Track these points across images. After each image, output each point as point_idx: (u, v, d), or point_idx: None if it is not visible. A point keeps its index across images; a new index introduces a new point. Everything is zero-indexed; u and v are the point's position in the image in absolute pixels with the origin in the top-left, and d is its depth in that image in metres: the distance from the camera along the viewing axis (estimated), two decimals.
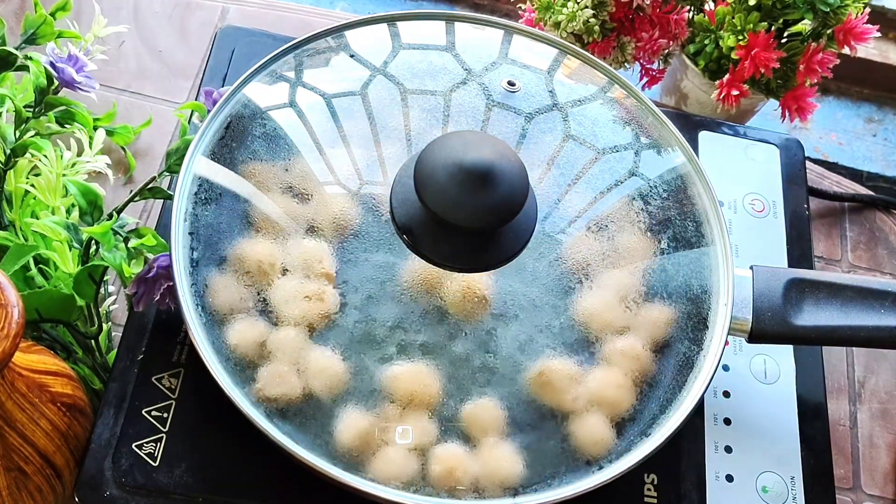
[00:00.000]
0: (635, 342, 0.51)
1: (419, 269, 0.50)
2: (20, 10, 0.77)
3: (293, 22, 0.80)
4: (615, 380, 0.50)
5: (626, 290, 0.52)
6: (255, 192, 0.52)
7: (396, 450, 0.47)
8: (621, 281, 0.52)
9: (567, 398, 0.49)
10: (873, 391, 0.69)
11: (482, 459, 0.47)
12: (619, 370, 0.50)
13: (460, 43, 0.59)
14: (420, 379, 0.48)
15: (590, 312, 0.51)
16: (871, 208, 0.77)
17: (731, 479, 0.54)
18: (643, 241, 0.54)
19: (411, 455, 0.47)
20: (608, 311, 0.51)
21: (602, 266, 0.52)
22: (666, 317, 0.52)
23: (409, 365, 0.48)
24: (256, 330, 0.49)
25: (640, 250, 0.53)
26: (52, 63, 0.56)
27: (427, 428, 0.47)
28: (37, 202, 0.59)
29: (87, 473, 0.49)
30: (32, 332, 0.55)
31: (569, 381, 0.49)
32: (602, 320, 0.51)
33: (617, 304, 0.52)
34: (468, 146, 0.47)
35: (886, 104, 1.40)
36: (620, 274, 0.52)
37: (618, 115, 0.58)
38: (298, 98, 0.56)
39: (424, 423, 0.47)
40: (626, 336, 0.51)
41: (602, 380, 0.50)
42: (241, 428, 0.46)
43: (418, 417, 0.48)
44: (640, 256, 0.53)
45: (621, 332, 0.51)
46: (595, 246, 0.53)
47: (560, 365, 0.49)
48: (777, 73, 0.73)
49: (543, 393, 0.49)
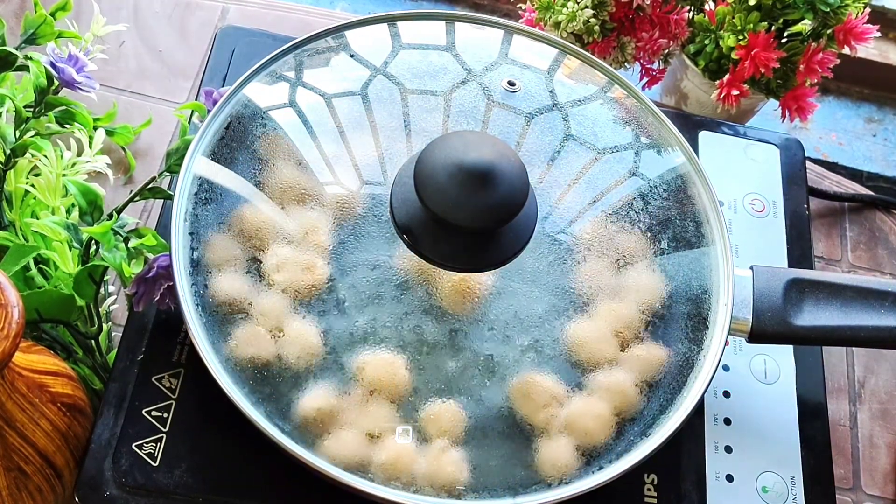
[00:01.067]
0: (625, 377, 0.50)
1: (414, 262, 0.50)
2: (20, 10, 0.77)
3: (293, 22, 0.80)
4: (595, 409, 0.49)
5: (626, 292, 0.52)
6: (254, 193, 0.52)
7: (350, 432, 0.47)
8: (620, 283, 0.52)
9: (542, 415, 0.48)
10: (873, 391, 0.69)
11: (429, 459, 0.47)
12: (602, 401, 0.49)
13: (460, 43, 0.59)
14: (390, 369, 0.48)
15: (586, 322, 0.51)
16: (871, 208, 0.77)
17: (731, 479, 0.54)
18: (643, 241, 0.54)
19: (364, 440, 0.47)
20: (607, 316, 0.51)
21: (602, 265, 0.52)
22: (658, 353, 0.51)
23: (382, 354, 0.48)
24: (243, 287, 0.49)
25: (639, 250, 0.53)
26: (52, 63, 0.56)
27: (386, 417, 0.47)
28: (37, 202, 0.59)
29: (88, 473, 0.49)
30: (32, 332, 0.55)
31: (548, 398, 0.48)
32: (600, 331, 0.51)
33: (616, 307, 0.52)
34: (468, 146, 0.47)
35: (886, 104, 1.40)
36: (620, 275, 0.52)
37: (618, 115, 0.58)
38: (298, 98, 0.56)
39: (385, 412, 0.47)
40: (614, 369, 0.50)
41: (582, 407, 0.49)
42: (241, 428, 0.46)
43: (380, 406, 0.48)
44: (640, 256, 0.53)
45: (612, 360, 0.50)
46: (594, 246, 0.53)
47: (543, 380, 0.49)
48: (777, 73, 0.73)
49: (520, 404, 0.48)
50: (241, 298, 0.49)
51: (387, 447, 0.47)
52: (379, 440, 0.47)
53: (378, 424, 0.47)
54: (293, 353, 0.48)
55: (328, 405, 0.47)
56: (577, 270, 0.52)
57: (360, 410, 0.48)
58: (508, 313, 0.50)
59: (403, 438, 0.47)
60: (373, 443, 0.47)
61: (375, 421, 0.47)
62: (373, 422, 0.47)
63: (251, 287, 0.50)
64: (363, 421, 0.47)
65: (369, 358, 0.48)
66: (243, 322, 0.49)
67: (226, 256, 0.50)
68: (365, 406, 0.48)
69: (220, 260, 0.50)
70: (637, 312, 0.52)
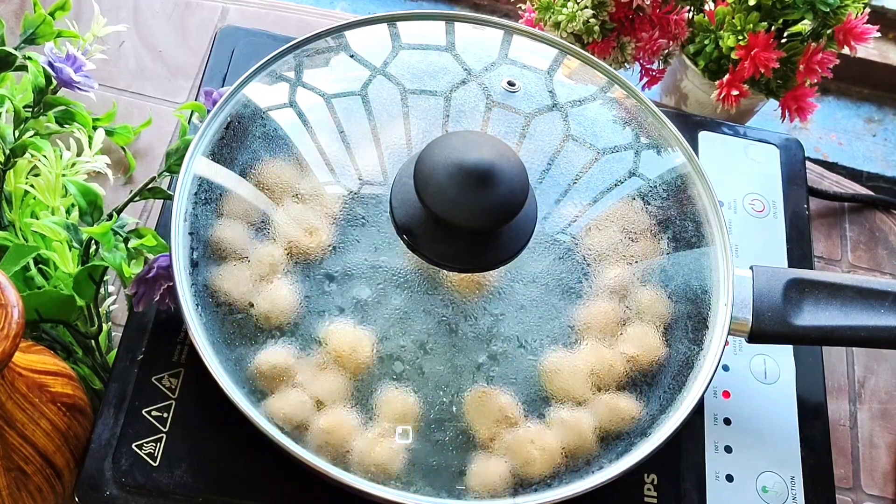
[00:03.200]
0: (589, 420, 0.49)
1: (415, 262, 0.50)
2: (20, 10, 0.77)
3: (293, 22, 0.80)
4: (549, 441, 0.48)
5: (625, 290, 0.52)
6: (254, 192, 0.52)
7: (296, 393, 0.47)
8: (620, 281, 0.52)
9: (488, 431, 0.48)
10: (873, 391, 0.69)
11: (368, 439, 0.47)
12: (558, 435, 0.48)
13: (460, 43, 0.59)
14: (354, 342, 0.48)
15: (585, 317, 0.51)
16: (871, 208, 0.77)
17: (731, 479, 0.54)
18: (643, 241, 0.54)
19: (310, 406, 0.47)
20: (604, 316, 0.51)
21: (601, 266, 0.52)
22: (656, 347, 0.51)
23: (352, 327, 0.48)
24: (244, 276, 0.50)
25: (639, 250, 0.53)
26: (50, 63, 0.56)
27: (337, 389, 0.48)
28: (36, 202, 0.59)
29: (87, 473, 0.49)
30: (32, 333, 0.55)
31: (500, 416, 0.48)
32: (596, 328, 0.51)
33: (615, 306, 0.52)
34: (468, 146, 0.47)
35: (886, 104, 1.40)
36: (619, 274, 0.52)
37: (618, 115, 0.58)
38: (298, 98, 0.56)
39: (339, 384, 0.48)
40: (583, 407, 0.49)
41: (532, 435, 0.48)
42: (241, 428, 0.46)
43: (335, 376, 0.48)
44: (640, 256, 0.53)
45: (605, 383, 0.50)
46: (594, 246, 0.53)
47: (499, 395, 0.48)
48: (777, 73, 0.73)
49: (472, 415, 0.48)
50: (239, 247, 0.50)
51: (329, 415, 0.47)
52: (324, 408, 0.47)
53: (328, 393, 0.47)
54: (268, 306, 0.49)
55: (284, 362, 0.48)
56: (576, 271, 0.52)
57: (314, 375, 0.48)
58: (498, 316, 0.50)
59: (403, 438, 0.47)
60: (318, 409, 0.47)
61: (326, 389, 0.47)
62: (323, 389, 0.47)
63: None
64: (314, 385, 0.47)
65: (339, 328, 0.48)
66: (232, 264, 0.50)
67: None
68: (318, 371, 0.48)
69: (220, 257, 0.50)
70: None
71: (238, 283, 0.49)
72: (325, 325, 0.49)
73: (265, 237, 0.51)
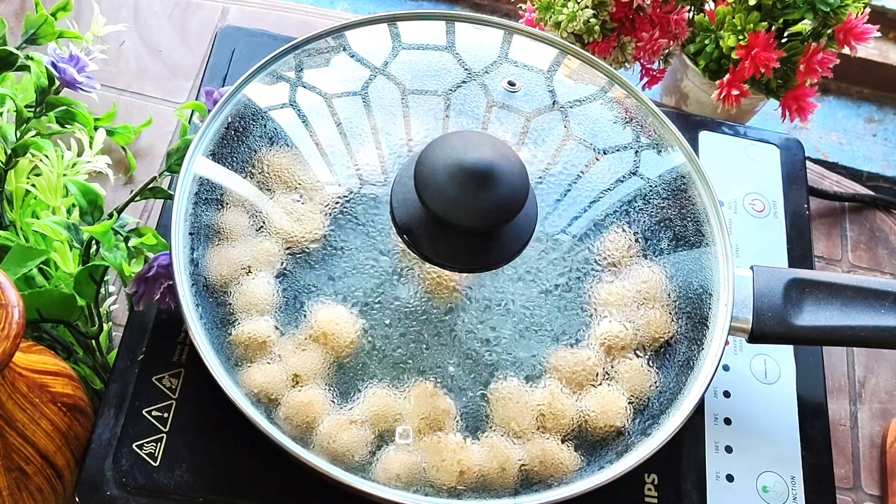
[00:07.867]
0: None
1: (414, 260, 0.50)
2: (21, 10, 0.77)
3: (293, 22, 0.80)
4: (469, 458, 0.47)
5: (624, 294, 0.52)
6: (255, 192, 0.52)
7: (265, 368, 0.48)
8: (618, 285, 0.52)
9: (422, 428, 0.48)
10: (873, 391, 0.69)
11: (336, 423, 0.47)
12: (481, 457, 0.47)
13: (460, 43, 0.59)
14: (340, 324, 0.48)
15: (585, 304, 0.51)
16: (871, 208, 0.77)
17: (731, 479, 0.54)
18: (643, 241, 0.54)
19: (281, 381, 0.47)
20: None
21: (601, 266, 0.52)
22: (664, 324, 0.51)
23: (341, 309, 0.49)
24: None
25: (639, 250, 0.53)
26: (53, 63, 0.56)
27: (314, 368, 0.48)
28: (37, 202, 0.59)
29: (88, 473, 0.49)
30: (33, 332, 0.55)
31: (447, 417, 0.48)
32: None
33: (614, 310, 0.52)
34: (468, 146, 0.47)
35: (886, 104, 1.40)
36: (618, 276, 0.52)
37: (618, 115, 0.59)
38: (299, 98, 0.56)
39: (315, 363, 0.48)
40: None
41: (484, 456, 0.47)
42: (241, 428, 0.46)
43: (313, 354, 0.48)
44: (640, 256, 0.53)
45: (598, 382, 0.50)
46: (594, 246, 0.53)
47: (445, 402, 0.48)
48: (777, 73, 0.73)
49: (415, 408, 0.48)
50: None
51: (302, 393, 0.47)
52: (299, 385, 0.48)
53: (306, 370, 0.48)
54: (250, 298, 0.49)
55: (266, 335, 0.48)
56: (575, 271, 0.52)
57: (294, 351, 0.48)
58: (488, 310, 0.50)
59: (403, 439, 0.47)
60: (292, 386, 0.48)
61: (305, 365, 0.48)
62: (302, 365, 0.48)
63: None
64: (293, 361, 0.48)
65: (339, 328, 0.48)
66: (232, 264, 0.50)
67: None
68: (298, 348, 0.48)
69: (220, 256, 0.50)
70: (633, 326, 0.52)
71: (238, 282, 0.49)
72: (326, 325, 0.49)
73: (265, 236, 0.51)
